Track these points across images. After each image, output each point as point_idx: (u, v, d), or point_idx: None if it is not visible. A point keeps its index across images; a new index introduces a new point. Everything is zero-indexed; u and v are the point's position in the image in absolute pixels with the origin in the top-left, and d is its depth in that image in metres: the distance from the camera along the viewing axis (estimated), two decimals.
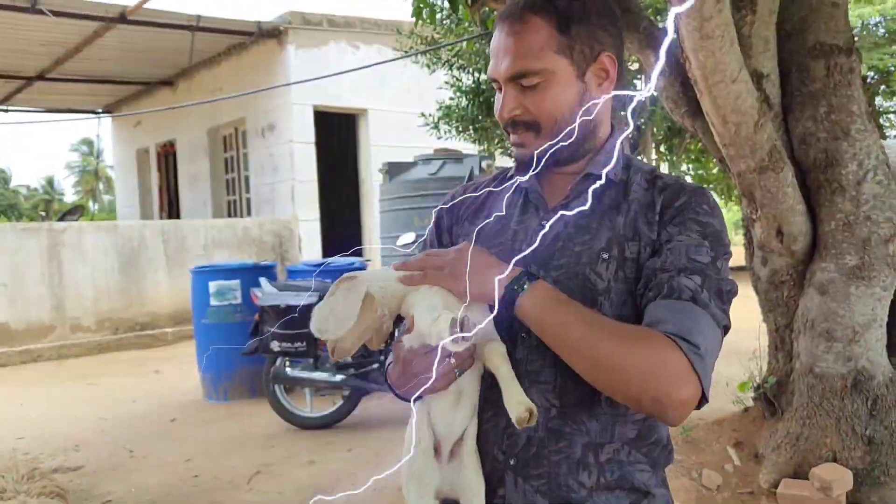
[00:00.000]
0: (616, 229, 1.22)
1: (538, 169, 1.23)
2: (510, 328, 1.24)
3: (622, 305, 1.19)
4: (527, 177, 1.25)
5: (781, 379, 4.04)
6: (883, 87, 13.85)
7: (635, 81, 6.25)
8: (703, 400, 1.08)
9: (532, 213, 1.31)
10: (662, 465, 1.26)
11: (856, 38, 12.65)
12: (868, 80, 13.78)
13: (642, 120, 6.71)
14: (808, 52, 3.70)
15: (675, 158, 7.33)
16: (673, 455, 1.29)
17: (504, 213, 1.31)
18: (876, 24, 13.35)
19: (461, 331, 1.01)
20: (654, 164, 7.67)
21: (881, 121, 14.73)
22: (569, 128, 1.21)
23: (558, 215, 1.13)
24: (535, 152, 1.23)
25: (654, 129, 6.92)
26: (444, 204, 1.45)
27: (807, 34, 3.72)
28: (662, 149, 7.51)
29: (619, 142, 1.31)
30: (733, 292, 1.18)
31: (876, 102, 14.43)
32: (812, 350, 3.74)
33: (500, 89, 1.25)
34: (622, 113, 6.47)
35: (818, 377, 3.74)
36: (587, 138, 1.28)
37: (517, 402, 1.08)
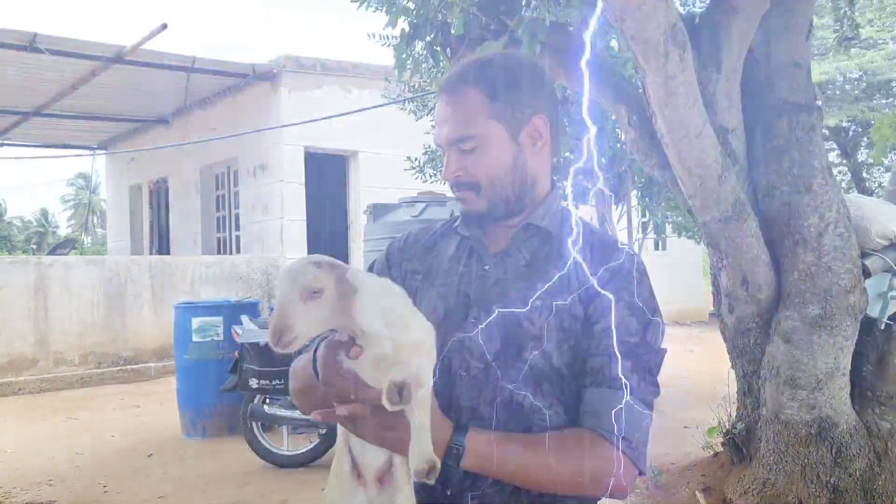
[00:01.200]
0: (549, 280, 1.31)
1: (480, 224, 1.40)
2: (449, 367, 1.32)
3: (557, 351, 1.29)
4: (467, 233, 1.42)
5: (749, 425, 4.11)
6: (865, 139, 14.13)
7: (617, 131, 6.41)
8: (641, 474, 1.25)
9: (475, 259, 1.41)
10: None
11: (837, 92, 12.86)
12: (848, 133, 14.09)
13: (622, 168, 6.85)
14: (772, 109, 3.85)
15: (654, 206, 7.46)
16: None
17: (452, 256, 1.43)
18: (857, 79, 13.70)
19: (400, 396, 1.06)
20: (633, 211, 7.80)
21: (863, 174, 14.97)
22: (504, 186, 1.35)
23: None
24: (477, 211, 1.37)
25: (634, 178, 7.06)
26: (398, 242, 1.56)
27: (771, 92, 3.88)
28: (641, 196, 7.65)
29: (560, 196, 1.43)
30: (660, 360, 1.31)
31: (857, 156, 14.71)
32: (777, 397, 3.81)
33: (445, 153, 1.38)
34: (603, 160, 6.62)
35: (784, 424, 3.81)
36: (525, 194, 1.38)
37: (419, 454, 1.10)
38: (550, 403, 1.28)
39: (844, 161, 15.06)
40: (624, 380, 1.23)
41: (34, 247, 38.90)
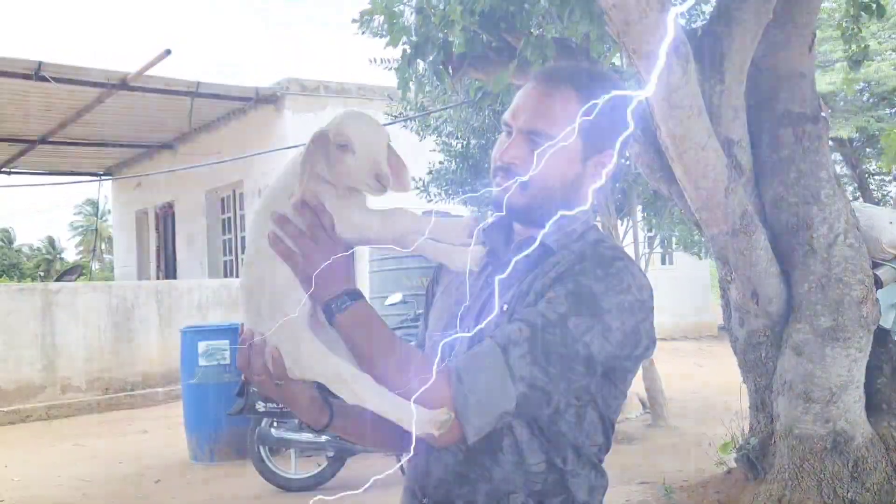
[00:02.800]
0: (522, 285, 1.28)
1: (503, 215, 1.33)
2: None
3: None
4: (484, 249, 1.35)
5: (763, 440, 4.05)
6: (868, 149, 14.11)
7: None
8: (464, 439, 1.15)
9: (485, 270, 1.39)
10: None
11: (841, 103, 12.86)
12: (853, 143, 14.06)
13: (627, 183, 6.84)
14: (777, 120, 3.84)
15: (659, 221, 7.43)
16: None
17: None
18: (861, 90, 13.70)
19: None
20: (639, 226, 7.77)
21: (868, 184, 14.94)
22: (551, 198, 1.29)
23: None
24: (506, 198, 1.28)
25: (639, 192, 7.03)
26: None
27: (776, 103, 3.86)
28: (647, 210, 7.62)
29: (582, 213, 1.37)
30: (574, 356, 1.17)
31: (862, 166, 14.68)
32: (791, 411, 3.76)
33: (509, 134, 1.32)
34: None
35: (798, 438, 3.75)
36: (559, 210, 1.30)
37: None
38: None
39: (850, 171, 15.02)
40: (508, 339, 1.16)
41: (41, 274, 39.01)
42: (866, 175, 15.39)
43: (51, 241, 47.66)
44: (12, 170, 15.33)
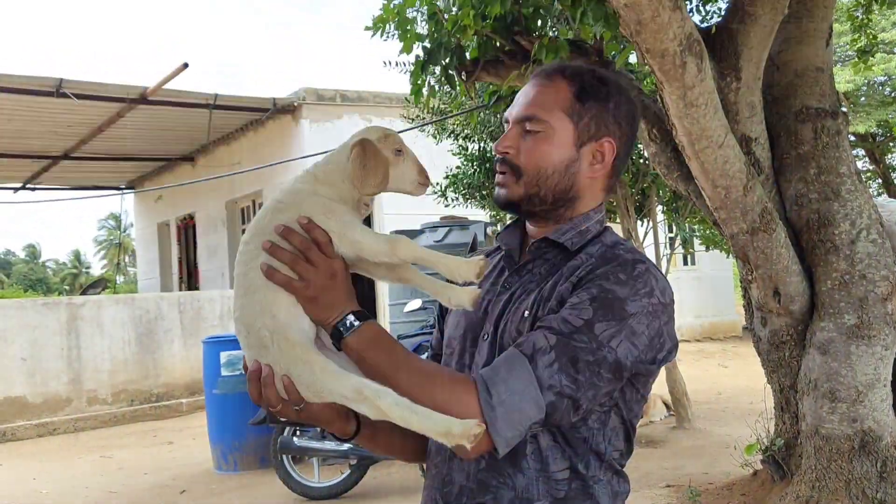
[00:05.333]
0: (543, 291, 1.26)
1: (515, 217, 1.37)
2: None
3: None
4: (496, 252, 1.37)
5: (789, 441, 3.99)
6: (891, 143, 13.90)
7: (638, 145, 6.36)
8: (494, 450, 1.13)
9: (503, 274, 1.38)
10: None
11: (862, 98, 12.67)
12: (876, 138, 13.87)
13: (646, 184, 6.79)
14: (795, 115, 3.79)
15: (680, 220, 7.37)
16: None
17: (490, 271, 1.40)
18: (882, 84, 13.53)
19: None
20: (660, 226, 7.71)
21: (892, 179, 14.71)
22: (546, 184, 1.29)
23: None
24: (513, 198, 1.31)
25: (659, 192, 6.98)
26: None
27: (793, 99, 3.82)
28: (667, 211, 7.56)
29: (596, 219, 1.36)
30: (601, 362, 1.15)
31: (886, 161, 14.46)
32: (817, 411, 3.70)
33: (507, 127, 1.35)
34: (626, 176, 6.56)
35: (825, 439, 3.69)
36: (561, 204, 1.32)
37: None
38: None
39: (873, 166, 14.81)
40: (534, 348, 1.14)
41: (67, 288, 39.57)
42: (890, 170, 15.17)
43: (77, 256, 48.32)
44: (37, 186, 15.57)
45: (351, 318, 1.18)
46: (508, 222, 1.47)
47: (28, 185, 15.37)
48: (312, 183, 1.24)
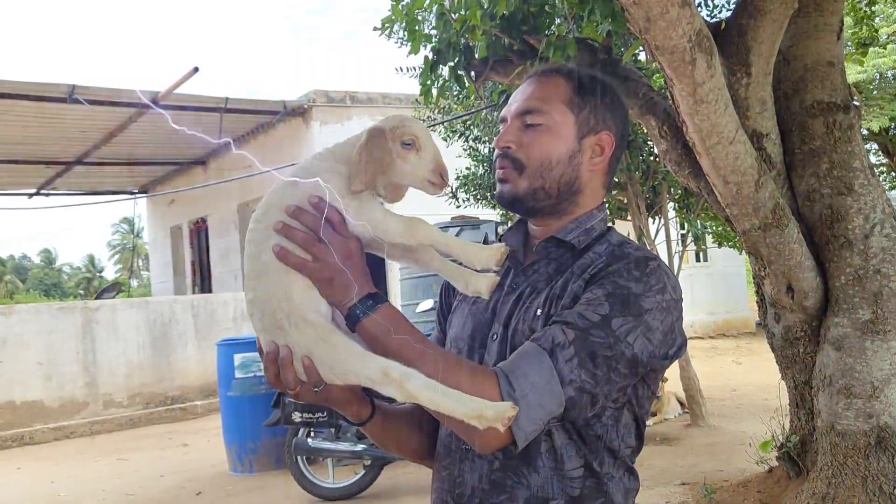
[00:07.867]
0: (553, 289, 1.27)
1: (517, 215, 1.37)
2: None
3: None
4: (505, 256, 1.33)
5: (804, 437, 3.97)
6: None
7: (649, 143, 6.34)
8: (513, 444, 1.12)
9: (510, 274, 1.38)
10: None
11: (875, 91, 12.51)
12: (889, 132, 13.73)
13: (657, 181, 6.76)
14: (806, 110, 3.77)
15: (691, 217, 7.34)
16: None
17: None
18: (894, 77, 13.38)
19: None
20: (671, 223, 7.68)
21: None
22: (549, 177, 1.30)
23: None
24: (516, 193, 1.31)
25: (671, 189, 6.95)
26: None
27: (804, 93, 3.79)
28: (679, 208, 7.53)
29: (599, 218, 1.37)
30: (619, 357, 1.15)
31: None
32: (832, 407, 3.68)
33: (507, 124, 1.35)
34: (637, 174, 6.54)
35: (841, 435, 3.67)
36: (565, 198, 1.33)
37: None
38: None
39: (886, 160, 14.66)
40: (553, 342, 1.14)
41: (82, 292, 39.87)
42: None
43: (91, 260, 48.65)
44: (50, 191, 15.69)
45: (368, 300, 1.16)
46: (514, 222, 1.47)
47: (42, 191, 15.50)
48: (331, 160, 1.21)
